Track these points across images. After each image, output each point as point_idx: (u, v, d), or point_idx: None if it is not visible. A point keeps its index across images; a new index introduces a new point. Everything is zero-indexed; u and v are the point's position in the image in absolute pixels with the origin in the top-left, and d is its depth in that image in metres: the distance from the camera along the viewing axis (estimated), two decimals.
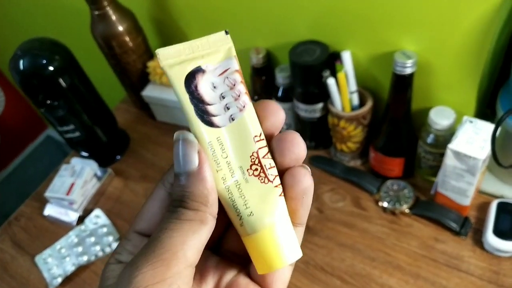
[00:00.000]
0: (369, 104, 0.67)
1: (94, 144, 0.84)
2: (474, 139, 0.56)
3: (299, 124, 0.77)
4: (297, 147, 0.22)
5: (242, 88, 0.21)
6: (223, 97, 0.21)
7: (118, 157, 0.87)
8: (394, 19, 0.59)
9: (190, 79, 0.21)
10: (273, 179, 0.22)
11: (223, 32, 0.21)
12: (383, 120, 0.66)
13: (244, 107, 0.21)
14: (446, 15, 0.55)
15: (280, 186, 0.22)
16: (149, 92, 0.85)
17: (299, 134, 0.22)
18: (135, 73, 0.85)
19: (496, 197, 0.65)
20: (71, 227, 0.77)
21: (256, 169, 0.22)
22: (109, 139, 0.85)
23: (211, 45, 0.21)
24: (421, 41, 0.60)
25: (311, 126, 0.74)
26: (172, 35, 0.89)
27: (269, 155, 0.22)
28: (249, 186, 0.22)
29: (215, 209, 0.21)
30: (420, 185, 0.69)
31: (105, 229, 0.74)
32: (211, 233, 0.21)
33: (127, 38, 0.79)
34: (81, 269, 0.71)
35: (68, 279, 0.70)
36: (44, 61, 0.70)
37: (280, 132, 0.23)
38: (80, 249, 0.72)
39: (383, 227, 0.66)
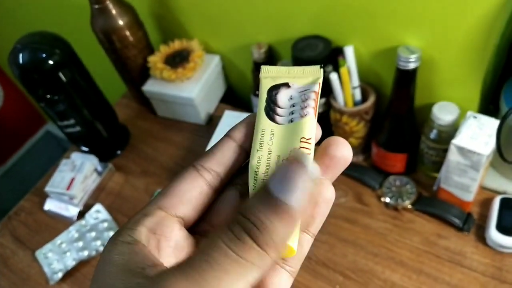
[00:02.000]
0: (371, 100, 0.66)
1: (94, 139, 0.83)
2: (478, 134, 0.56)
3: None
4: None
5: (311, 103, 0.23)
6: (293, 106, 0.24)
7: (119, 152, 0.86)
8: (398, 14, 0.59)
9: (275, 87, 0.24)
10: None
11: (318, 66, 0.25)
12: (386, 116, 0.65)
13: (305, 115, 0.23)
14: (450, 10, 0.55)
15: None
16: (150, 87, 0.84)
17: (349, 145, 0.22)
18: (136, 68, 0.85)
19: (499, 193, 0.65)
20: (71, 222, 0.77)
21: None
22: (110, 134, 0.84)
23: (305, 73, 0.25)
24: (425, 36, 0.59)
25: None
26: (172, 30, 0.88)
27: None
28: None
29: (279, 258, 0.18)
30: (422, 181, 0.69)
31: (105, 224, 0.74)
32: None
33: (127, 33, 0.78)
34: (81, 264, 0.71)
35: (68, 274, 0.70)
36: (44, 55, 0.69)
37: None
38: (80, 244, 0.72)
39: (386, 223, 0.66)
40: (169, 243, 0.19)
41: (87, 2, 0.75)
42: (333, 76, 0.64)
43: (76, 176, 0.77)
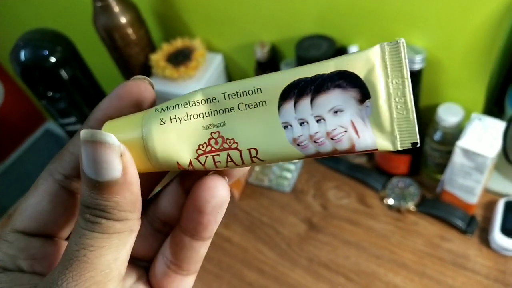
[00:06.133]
0: None
1: None
2: (483, 136, 0.55)
3: None
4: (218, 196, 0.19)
5: None
6: None
7: None
8: (403, 14, 0.59)
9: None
10: None
11: None
12: None
13: None
14: (456, 10, 0.54)
15: None
16: None
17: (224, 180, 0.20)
18: (138, 66, 0.84)
19: (503, 195, 0.64)
20: None
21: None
22: None
23: None
24: (430, 37, 0.59)
25: None
26: (175, 28, 0.88)
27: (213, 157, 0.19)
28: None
29: (140, 210, 0.19)
30: (426, 183, 0.68)
31: None
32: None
33: (129, 31, 0.78)
34: None
35: None
36: (46, 53, 0.68)
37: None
38: None
39: (389, 225, 0.65)
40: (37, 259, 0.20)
41: None
42: None
43: None
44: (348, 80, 0.17)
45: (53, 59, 0.68)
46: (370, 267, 0.62)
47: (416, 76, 0.58)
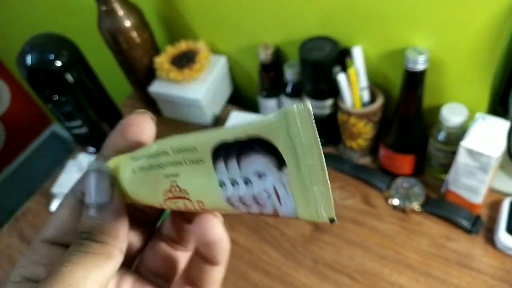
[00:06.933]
0: (379, 101, 0.66)
1: (101, 140, 0.83)
2: (487, 136, 0.55)
3: None
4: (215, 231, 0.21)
5: None
6: None
7: None
8: (406, 15, 0.59)
9: None
10: None
11: None
12: (394, 117, 0.65)
13: None
14: (459, 10, 0.54)
15: None
16: (156, 88, 0.84)
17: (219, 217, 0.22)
18: (142, 69, 0.85)
19: (508, 195, 0.64)
20: None
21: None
22: None
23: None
24: (433, 37, 0.59)
25: (320, 123, 0.74)
26: (179, 31, 0.88)
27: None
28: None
29: (124, 244, 0.20)
30: (430, 183, 0.68)
31: None
32: (116, 268, 0.20)
33: (134, 34, 0.78)
34: None
35: None
36: (52, 57, 0.69)
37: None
38: None
39: (393, 225, 0.65)
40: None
41: (94, 3, 0.75)
42: (341, 77, 0.64)
43: None
44: (263, 147, 0.17)
45: (59, 63, 0.69)
46: (375, 268, 0.62)
47: (419, 77, 0.58)
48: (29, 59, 0.68)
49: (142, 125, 0.23)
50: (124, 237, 0.21)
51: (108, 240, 0.20)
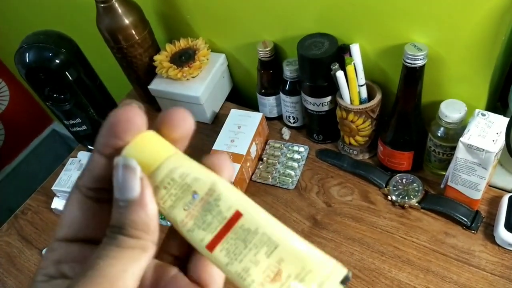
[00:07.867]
0: (378, 97, 0.66)
1: None
2: (486, 132, 0.55)
3: (306, 118, 0.76)
4: (186, 123, 0.23)
5: None
6: None
7: None
8: (404, 11, 0.59)
9: None
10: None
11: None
12: (392, 114, 0.65)
13: None
14: (457, 6, 0.54)
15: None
16: (156, 85, 0.85)
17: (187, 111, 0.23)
18: (141, 67, 0.85)
19: (507, 191, 0.64)
20: None
21: None
22: None
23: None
24: (432, 33, 0.59)
25: (319, 120, 0.74)
26: (178, 28, 0.88)
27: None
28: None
29: (156, 236, 0.21)
30: (429, 179, 0.68)
31: None
32: (151, 259, 0.21)
33: (133, 32, 0.78)
34: None
35: None
36: (50, 54, 0.69)
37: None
38: None
39: (392, 221, 0.66)
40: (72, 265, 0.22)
41: (93, 0, 0.75)
42: (340, 74, 0.63)
43: None
44: None
45: (57, 61, 0.69)
46: (374, 264, 0.62)
47: (418, 73, 0.58)
48: (27, 57, 0.68)
49: (132, 119, 0.22)
50: (156, 229, 0.21)
51: (141, 234, 0.20)
